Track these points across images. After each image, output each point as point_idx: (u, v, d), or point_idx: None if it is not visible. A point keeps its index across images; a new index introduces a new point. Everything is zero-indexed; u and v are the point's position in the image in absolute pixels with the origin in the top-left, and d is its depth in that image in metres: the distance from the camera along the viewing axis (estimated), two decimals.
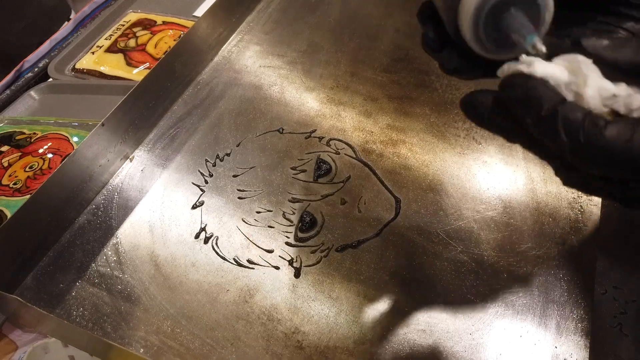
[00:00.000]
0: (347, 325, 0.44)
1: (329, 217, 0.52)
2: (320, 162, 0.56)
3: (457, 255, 0.48)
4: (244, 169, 0.56)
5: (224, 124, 0.61)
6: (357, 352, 0.43)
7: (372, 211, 0.52)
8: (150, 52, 0.78)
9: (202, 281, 0.47)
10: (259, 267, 0.48)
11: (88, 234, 0.51)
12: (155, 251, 0.50)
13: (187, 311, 0.45)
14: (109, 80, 0.74)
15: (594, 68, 0.28)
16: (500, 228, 0.50)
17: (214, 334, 0.44)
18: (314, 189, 0.54)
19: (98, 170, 0.54)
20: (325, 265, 0.48)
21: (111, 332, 0.44)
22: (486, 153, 0.56)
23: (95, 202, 0.54)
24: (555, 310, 0.44)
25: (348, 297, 0.46)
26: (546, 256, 0.47)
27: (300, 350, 0.43)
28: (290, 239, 0.50)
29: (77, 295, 0.47)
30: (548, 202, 0.51)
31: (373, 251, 0.49)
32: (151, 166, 0.57)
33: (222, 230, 0.51)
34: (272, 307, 0.46)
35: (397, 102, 0.62)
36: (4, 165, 0.64)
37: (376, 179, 0.54)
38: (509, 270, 0.47)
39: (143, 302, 0.46)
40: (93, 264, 0.49)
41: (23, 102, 0.74)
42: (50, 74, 0.76)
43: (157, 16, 0.84)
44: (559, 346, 0.42)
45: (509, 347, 0.42)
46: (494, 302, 0.45)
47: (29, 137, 0.67)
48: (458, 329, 0.44)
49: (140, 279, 0.48)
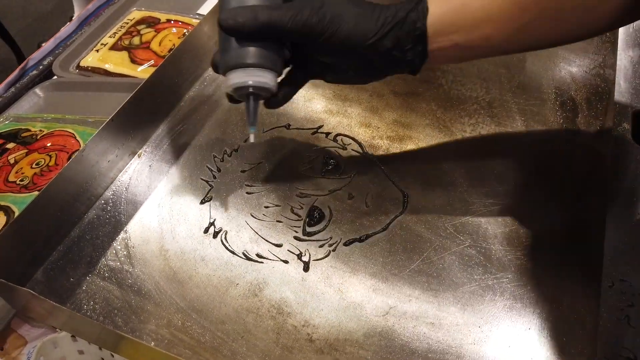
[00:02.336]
0: (356, 318, 0.45)
1: (336, 211, 0.52)
2: (327, 157, 0.57)
3: (465, 249, 0.48)
4: (251, 165, 0.57)
5: (231, 120, 0.61)
6: (367, 345, 0.43)
7: (380, 206, 0.52)
8: (154, 50, 0.78)
9: (211, 275, 0.48)
10: (268, 261, 0.49)
11: (97, 229, 0.52)
12: (164, 246, 0.50)
13: (197, 305, 0.46)
14: (113, 77, 0.74)
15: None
16: (507, 222, 0.50)
17: (224, 327, 0.44)
18: (322, 184, 0.54)
19: (106, 166, 0.55)
20: (334, 259, 0.49)
21: (122, 325, 0.44)
22: (492, 148, 0.56)
23: (104, 197, 0.54)
24: (563, 303, 0.45)
25: (357, 290, 0.46)
26: (554, 250, 0.48)
27: (310, 343, 0.43)
28: (298, 234, 0.51)
29: (88, 289, 0.47)
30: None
31: (381, 245, 0.49)
32: (159, 162, 0.58)
33: (231, 225, 0.51)
34: (281, 301, 0.46)
35: (403, 97, 0.62)
36: (11, 162, 0.64)
37: (383, 174, 0.55)
38: (517, 264, 0.47)
39: (153, 296, 0.46)
40: (103, 258, 0.49)
41: (28, 99, 0.74)
42: (55, 72, 0.76)
43: (161, 14, 0.84)
44: (567, 339, 0.43)
45: (517, 339, 0.43)
46: (502, 296, 0.45)
47: (35, 134, 0.67)
48: (467, 321, 0.44)
49: (150, 273, 0.48)
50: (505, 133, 0.58)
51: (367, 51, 0.45)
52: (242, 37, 0.44)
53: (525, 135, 0.58)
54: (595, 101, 0.60)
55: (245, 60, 0.44)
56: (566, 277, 0.46)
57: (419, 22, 0.44)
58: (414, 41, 0.45)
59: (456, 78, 0.64)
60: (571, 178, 0.53)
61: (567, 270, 0.46)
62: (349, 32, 0.44)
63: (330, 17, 0.43)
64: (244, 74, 0.44)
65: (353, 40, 0.44)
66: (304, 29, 0.43)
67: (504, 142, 0.57)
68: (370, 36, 0.44)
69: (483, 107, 0.61)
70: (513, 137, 0.58)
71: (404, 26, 0.44)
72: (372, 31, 0.44)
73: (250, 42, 0.44)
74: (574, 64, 0.65)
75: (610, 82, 0.62)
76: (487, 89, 0.63)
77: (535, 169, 0.54)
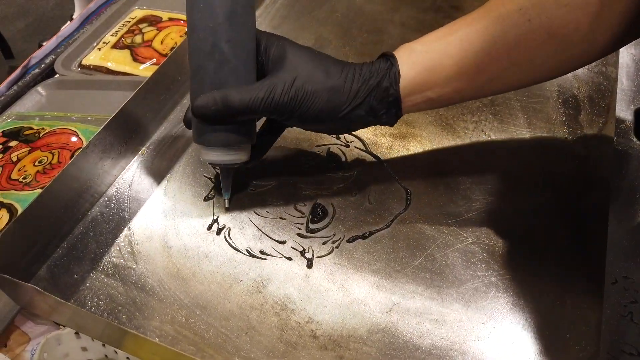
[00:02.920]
0: (360, 314, 0.45)
1: (340, 208, 0.52)
2: (330, 154, 0.57)
3: (468, 246, 0.48)
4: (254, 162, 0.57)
5: None
6: (370, 341, 0.43)
7: (383, 203, 0.52)
8: (156, 48, 0.78)
9: (215, 272, 0.48)
10: (271, 258, 0.49)
11: (101, 226, 0.52)
12: (168, 242, 0.50)
13: (201, 301, 0.46)
14: (115, 76, 0.74)
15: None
16: (510, 219, 0.50)
17: (228, 323, 0.44)
18: (325, 181, 0.54)
19: (110, 163, 0.55)
20: (337, 255, 0.49)
21: (126, 321, 0.44)
22: (495, 145, 0.56)
23: (107, 194, 0.54)
24: (567, 300, 0.45)
25: (360, 286, 0.46)
26: (557, 247, 0.48)
27: (314, 339, 0.43)
28: (302, 231, 0.51)
29: (92, 286, 0.47)
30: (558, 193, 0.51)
31: (384, 242, 0.49)
32: (162, 159, 0.58)
33: (234, 222, 0.51)
34: (285, 297, 0.46)
35: None
36: (13, 160, 0.64)
37: (386, 172, 0.55)
38: (520, 261, 0.47)
39: (157, 293, 0.46)
40: (107, 255, 0.49)
41: (30, 98, 0.74)
42: (57, 70, 0.76)
43: (163, 12, 0.85)
44: (570, 335, 0.43)
45: (520, 336, 0.43)
46: (505, 292, 0.45)
47: (37, 132, 0.68)
48: (471, 318, 0.44)
49: (154, 269, 0.48)
50: (507, 130, 0.58)
51: (340, 121, 0.45)
52: (215, 123, 0.45)
53: (528, 133, 0.58)
54: (597, 99, 0.60)
55: (218, 142, 0.46)
56: (569, 274, 0.46)
57: (391, 89, 0.44)
58: (387, 106, 0.45)
59: None
60: (574, 175, 0.53)
61: (570, 268, 0.46)
62: (321, 108, 0.44)
63: (302, 96, 0.43)
64: (219, 153, 0.46)
65: (325, 114, 0.44)
66: (275, 110, 0.44)
67: (507, 140, 0.57)
68: (343, 109, 0.44)
69: (486, 105, 0.61)
70: (515, 134, 0.58)
71: (377, 94, 0.44)
72: (345, 104, 0.44)
73: (222, 124, 0.45)
74: None
75: (612, 80, 0.62)
76: None
77: (538, 167, 0.54)
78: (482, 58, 0.42)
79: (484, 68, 0.43)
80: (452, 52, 0.43)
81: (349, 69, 0.45)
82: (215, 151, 0.46)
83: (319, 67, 0.44)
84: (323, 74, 0.44)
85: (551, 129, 0.58)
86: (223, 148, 0.46)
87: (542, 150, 0.56)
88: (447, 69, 0.43)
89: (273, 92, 0.43)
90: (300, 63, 0.44)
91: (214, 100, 0.43)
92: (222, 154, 0.46)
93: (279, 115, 0.45)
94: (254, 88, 0.43)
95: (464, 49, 0.43)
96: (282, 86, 0.43)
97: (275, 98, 0.43)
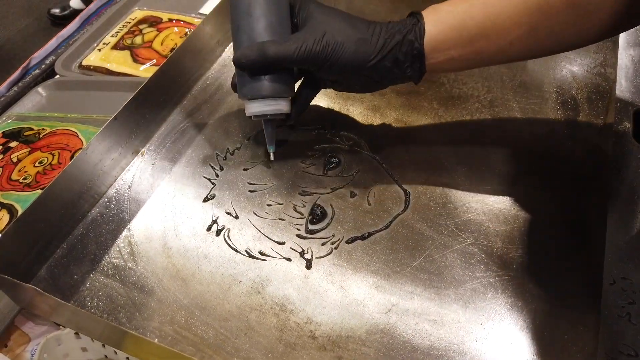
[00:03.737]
0: (358, 315, 0.45)
1: (339, 209, 0.52)
2: (329, 155, 0.57)
3: (467, 247, 0.49)
4: (254, 163, 0.57)
5: (234, 119, 0.62)
6: (369, 342, 0.43)
7: (382, 204, 0.52)
8: (156, 49, 0.78)
9: (214, 272, 0.48)
10: (270, 258, 0.49)
11: (101, 227, 0.52)
12: (167, 243, 0.50)
13: (200, 302, 0.46)
14: (115, 76, 0.75)
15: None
16: (509, 220, 0.50)
17: (227, 324, 0.44)
18: (324, 182, 0.55)
19: (110, 164, 0.55)
20: (336, 256, 0.49)
21: (126, 322, 0.45)
22: (493, 147, 0.57)
23: (107, 195, 0.54)
24: (565, 301, 0.45)
25: (359, 287, 0.46)
26: (555, 248, 0.48)
27: (312, 340, 0.43)
28: (301, 231, 0.51)
29: (91, 287, 0.47)
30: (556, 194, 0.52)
31: (383, 243, 0.49)
32: (162, 160, 0.58)
33: (234, 223, 0.52)
34: (284, 298, 0.46)
35: (404, 96, 0.63)
36: (14, 160, 0.64)
37: (385, 172, 0.55)
38: (518, 262, 0.47)
39: (157, 293, 0.46)
40: (106, 255, 0.49)
41: (30, 98, 0.75)
42: (57, 71, 0.76)
43: (163, 13, 0.85)
44: (568, 336, 0.43)
45: (519, 336, 0.43)
46: (504, 293, 0.45)
47: (38, 132, 0.68)
48: (469, 319, 0.44)
49: (154, 270, 0.48)
50: (506, 132, 0.58)
51: (368, 71, 0.48)
52: (254, 72, 0.49)
53: (527, 134, 0.58)
54: (596, 100, 0.61)
55: (260, 93, 0.49)
56: (567, 275, 0.46)
57: (416, 43, 0.47)
58: (412, 60, 0.48)
59: (458, 77, 0.65)
60: (572, 176, 0.53)
61: (569, 268, 0.47)
62: (350, 58, 0.47)
63: (332, 46, 0.47)
64: (260, 104, 0.50)
65: (354, 64, 0.47)
66: (308, 59, 0.47)
67: (506, 141, 0.57)
68: (370, 59, 0.47)
69: (485, 106, 0.61)
70: (514, 135, 0.58)
71: (402, 47, 0.47)
72: (372, 54, 0.47)
73: (262, 75, 0.49)
74: (575, 62, 0.65)
75: (611, 81, 0.62)
76: (488, 87, 0.63)
77: (537, 168, 0.54)
78: (503, 21, 0.45)
79: (505, 31, 0.45)
80: (475, 13, 0.45)
81: (376, 25, 0.48)
82: (258, 102, 0.50)
83: (347, 23, 0.48)
84: (351, 28, 0.47)
85: (550, 130, 0.58)
86: (264, 99, 0.50)
87: (541, 151, 0.56)
88: (469, 30, 0.46)
89: (305, 42, 0.47)
90: (330, 19, 0.48)
91: (251, 50, 0.47)
92: (264, 104, 0.50)
93: (312, 65, 0.48)
94: (288, 40, 0.47)
95: (487, 12, 0.45)
96: (314, 37, 0.47)
97: (307, 47, 0.46)
